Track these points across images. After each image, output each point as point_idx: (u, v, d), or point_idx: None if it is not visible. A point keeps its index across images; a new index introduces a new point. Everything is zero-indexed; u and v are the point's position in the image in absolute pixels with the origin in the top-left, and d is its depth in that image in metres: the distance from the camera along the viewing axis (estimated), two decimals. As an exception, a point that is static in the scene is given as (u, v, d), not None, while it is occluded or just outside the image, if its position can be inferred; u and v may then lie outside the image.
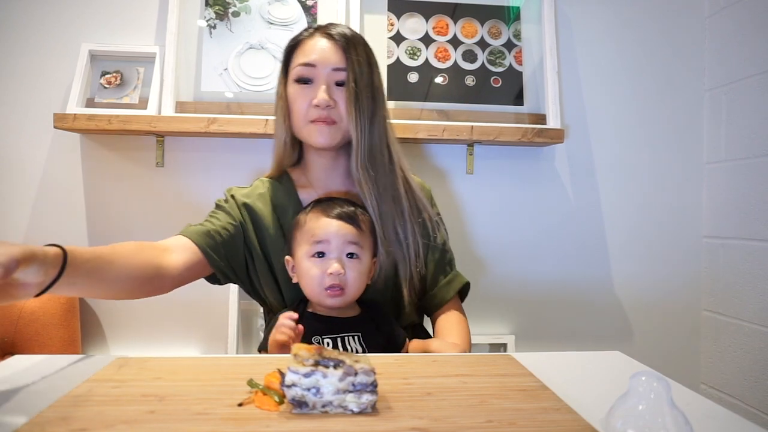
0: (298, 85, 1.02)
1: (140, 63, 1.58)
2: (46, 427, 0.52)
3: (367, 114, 1.00)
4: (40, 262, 0.66)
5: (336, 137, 1.01)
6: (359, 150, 1.00)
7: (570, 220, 1.74)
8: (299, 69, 1.01)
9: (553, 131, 1.58)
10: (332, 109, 1.00)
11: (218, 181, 1.62)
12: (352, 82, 0.99)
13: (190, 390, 0.63)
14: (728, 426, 0.60)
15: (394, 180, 1.04)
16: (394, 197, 1.03)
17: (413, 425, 0.54)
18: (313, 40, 1.02)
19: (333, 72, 1.00)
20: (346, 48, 1.00)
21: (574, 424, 0.55)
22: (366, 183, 1.01)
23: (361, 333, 0.92)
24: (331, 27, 1.04)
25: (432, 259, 1.09)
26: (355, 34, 1.04)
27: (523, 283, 1.72)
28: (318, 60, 1.00)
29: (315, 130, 1.01)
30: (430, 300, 1.09)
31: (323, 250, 0.93)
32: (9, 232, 1.58)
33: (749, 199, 1.58)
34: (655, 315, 1.76)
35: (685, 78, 1.77)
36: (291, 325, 0.84)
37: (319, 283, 0.92)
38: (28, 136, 1.58)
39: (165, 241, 0.99)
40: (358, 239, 0.94)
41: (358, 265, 0.94)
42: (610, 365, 0.81)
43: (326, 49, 1.01)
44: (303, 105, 1.01)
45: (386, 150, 1.04)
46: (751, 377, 1.56)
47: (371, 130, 1.01)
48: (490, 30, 1.69)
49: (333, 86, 1.01)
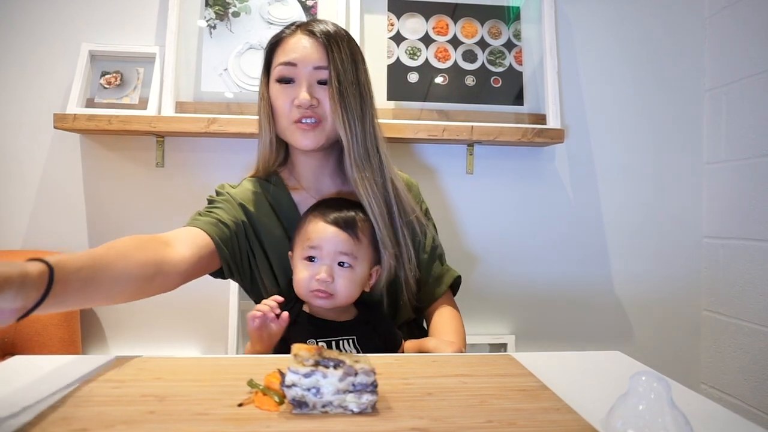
0: (280, 84, 0.99)
1: (140, 63, 1.58)
2: (46, 427, 0.52)
3: (356, 113, 0.97)
4: (18, 286, 0.56)
5: (320, 139, 0.99)
6: (352, 150, 0.98)
7: (570, 220, 1.74)
8: (280, 68, 0.99)
9: (553, 131, 1.58)
10: (315, 108, 0.97)
11: (218, 181, 1.59)
12: (335, 80, 0.96)
13: (190, 390, 0.63)
14: (728, 426, 0.60)
15: (385, 181, 1.02)
16: (386, 198, 1.01)
17: (413, 425, 0.54)
18: (294, 38, 1.00)
19: (314, 71, 0.97)
20: (327, 45, 0.97)
21: (574, 424, 0.55)
22: (362, 183, 0.98)
23: (356, 336, 0.92)
24: (313, 24, 1.01)
25: (423, 256, 1.08)
26: (339, 30, 1.01)
27: (523, 283, 1.72)
28: (299, 58, 0.97)
29: (299, 132, 0.98)
30: (423, 296, 1.09)
31: (315, 255, 0.92)
32: (9, 232, 1.58)
33: (749, 199, 1.58)
34: (655, 315, 1.76)
35: (685, 78, 1.77)
36: (273, 304, 0.83)
37: (306, 285, 0.91)
38: (28, 137, 1.58)
39: (167, 233, 0.92)
40: (352, 249, 0.92)
41: (349, 274, 0.92)
42: (610, 365, 0.81)
43: (307, 47, 0.98)
44: (285, 105, 0.98)
45: (376, 147, 1.01)
46: (751, 377, 1.56)
47: (363, 129, 0.98)
48: (490, 30, 1.69)
49: (315, 85, 0.98)
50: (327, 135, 0.99)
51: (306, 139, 0.98)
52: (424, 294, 1.09)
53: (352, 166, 0.99)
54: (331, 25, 1.02)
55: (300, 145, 0.99)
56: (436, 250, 1.11)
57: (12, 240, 1.57)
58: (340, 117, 0.96)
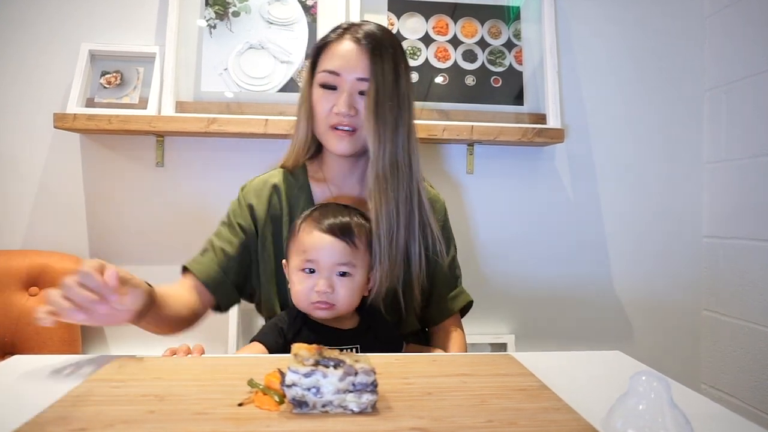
0: (322, 89, 1.01)
1: (140, 63, 1.58)
2: (46, 427, 0.52)
3: (389, 125, 0.98)
4: (135, 284, 0.77)
5: (356, 146, 1.02)
6: (377, 162, 0.99)
7: (570, 219, 1.74)
8: (324, 75, 1.00)
9: (553, 131, 1.58)
10: (353, 117, 0.99)
11: (218, 181, 1.62)
12: (373, 93, 0.97)
13: (190, 390, 0.63)
14: (728, 426, 0.60)
15: (410, 192, 1.02)
16: (409, 210, 1.02)
17: (413, 425, 0.54)
18: (341, 44, 1.00)
19: (357, 81, 0.99)
20: (372, 55, 0.98)
21: (574, 424, 0.55)
22: (377, 195, 0.99)
23: (359, 345, 0.91)
24: (360, 28, 1.01)
25: (438, 273, 1.09)
26: (384, 36, 1.02)
27: (523, 283, 1.72)
28: (342, 68, 0.99)
29: (335, 138, 1.01)
30: (432, 312, 1.10)
31: (313, 267, 0.90)
32: (9, 232, 1.58)
33: (749, 199, 1.58)
34: (655, 315, 1.76)
35: (685, 78, 1.77)
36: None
37: (306, 297, 0.90)
38: (28, 136, 1.58)
39: (184, 279, 1.04)
40: (350, 258, 0.91)
41: (349, 283, 0.91)
42: (610, 365, 0.81)
43: (352, 57, 0.99)
44: (325, 110, 1.00)
45: (407, 159, 1.02)
46: (751, 377, 1.56)
47: (393, 140, 0.99)
48: (490, 30, 1.69)
49: (356, 95, 0.99)
50: (362, 143, 1.01)
51: (341, 145, 1.01)
52: (435, 311, 1.10)
53: (372, 178, 1.00)
54: (378, 31, 1.02)
55: (334, 149, 1.02)
56: (454, 270, 1.13)
57: (12, 240, 1.57)
58: (372, 130, 0.98)
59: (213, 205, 1.61)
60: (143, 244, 1.60)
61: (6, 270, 1.45)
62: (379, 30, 1.02)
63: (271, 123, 1.47)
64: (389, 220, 0.99)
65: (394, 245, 0.99)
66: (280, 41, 1.60)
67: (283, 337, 0.90)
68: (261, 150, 1.61)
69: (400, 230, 1.00)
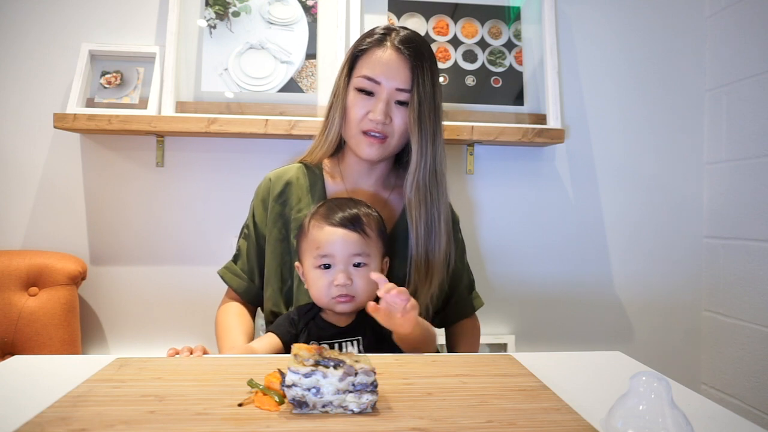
0: (359, 93, 1.01)
1: (140, 63, 1.58)
2: (46, 427, 0.52)
3: (430, 136, 1.00)
4: None
5: (384, 153, 1.03)
6: (418, 171, 1.00)
7: (570, 220, 1.74)
8: (362, 80, 1.01)
9: (554, 131, 1.58)
10: (386, 126, 1.00)
11: (218, 181, 1.62)
12: (416, 104, 0.98)
13: (190, 390, 0.63)
14: (728, 426, 0.60)
15: (439, 206, 1.04)
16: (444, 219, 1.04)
17: (413, 425, 0.54)
18: (383, 52, 1.00)
19: (396, 92, 1.00)
20: (413, 65, 0.99)
21: (574, 424, 0.55)
22: (417, 207, 1.01)
23: (360, 337, 0.92)
24: (400, 36, 1.02)
25: (463, 276, 1.15)
26: (422, 46, 1.02)
27: (523, 283, 1.72)
28: (382, 76, 0.99)
29: (365, 143, 1.01)
30: (457, 310, 1.15)
31: (328, 262, 0.91)
32: (9, 232, 1.58)
33: (749, 199, 1.58)
34: (655, 315, 1.76)
35: (686, 78, 1.77)
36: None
37: (326, 293, 0.91)
38: (28, 136, 1.58)
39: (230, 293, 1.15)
40: (363, 248, 0.92)
41: (366, 272, 0.92)
42: (610, 365, 0.81)
43: (393, 67, 0.99)
44: (359, 115, 1.01)
45: (443, 168, 1.04)
46: (751, 377, 1.56)
47: (434, 152, 1.01)
48: (491, 30, 1.69)
49: (392, 104, 1.00)
50: (391, 150, 1.03)
51: (370, 151, 1.02)
52: (458, 309, 1.15)
53: (412, 188, 1.01)
54: (416, 38, 1.03)
55: (363, 154, 1.03)
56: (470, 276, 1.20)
57: (12, 240, 1.57)
58: (417, 141, 0.99)
59: (213, 205, 1.61)
60: (143, 244, 1.60)
61: (6, 270, 1.45)
62: (418, 39, 1.03)
63: (271, 123, 1.47)
64: (428, 228, 1.01)
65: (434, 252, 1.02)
66: (281, 41, 1.60)
67: (295, 327, 0.94)
68: (261, 150, 1.61)
69: (441, 237, 1.02)
